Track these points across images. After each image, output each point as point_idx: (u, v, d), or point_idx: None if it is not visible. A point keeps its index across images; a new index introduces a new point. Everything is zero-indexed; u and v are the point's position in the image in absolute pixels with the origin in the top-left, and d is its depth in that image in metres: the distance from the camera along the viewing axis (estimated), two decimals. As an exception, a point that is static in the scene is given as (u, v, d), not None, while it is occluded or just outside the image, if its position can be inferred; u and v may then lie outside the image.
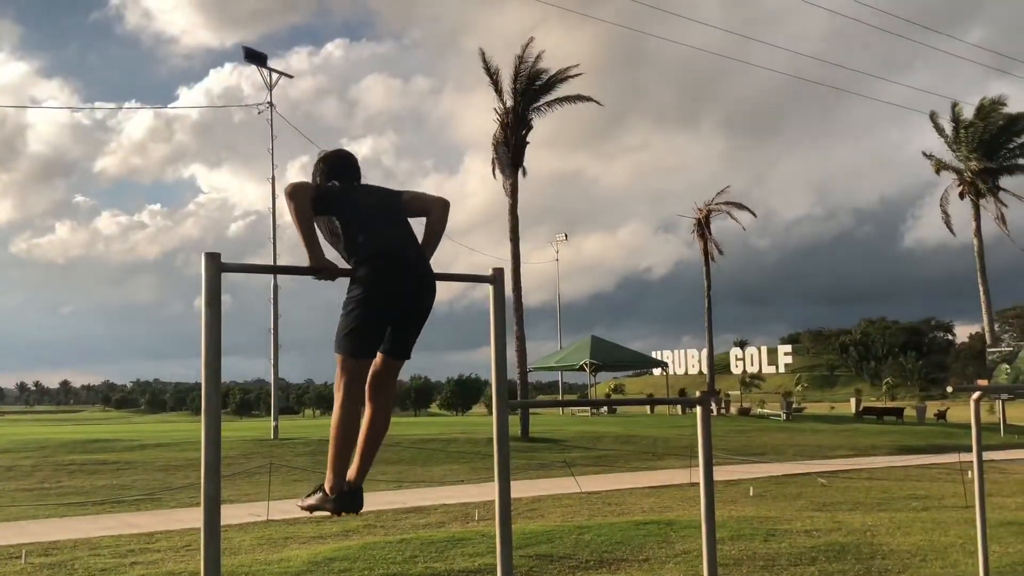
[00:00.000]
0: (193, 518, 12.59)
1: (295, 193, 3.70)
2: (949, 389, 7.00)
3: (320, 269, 3.61)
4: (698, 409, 3.90)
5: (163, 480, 17.43)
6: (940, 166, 41.96)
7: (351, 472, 3.99)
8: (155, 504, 14.59)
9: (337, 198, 3.95)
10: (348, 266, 3.75)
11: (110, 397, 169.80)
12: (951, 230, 42.06)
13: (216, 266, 2.88)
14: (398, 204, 4.07)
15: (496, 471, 3.53)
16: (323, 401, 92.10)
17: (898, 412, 40.30)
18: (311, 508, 4.01)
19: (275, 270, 3.87)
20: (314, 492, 4.04)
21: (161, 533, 11.10)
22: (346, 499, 3.95)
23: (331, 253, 3.79)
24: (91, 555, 9.41)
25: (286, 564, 8.29)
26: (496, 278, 3.60)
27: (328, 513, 3.97)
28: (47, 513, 13.53)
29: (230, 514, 12.09)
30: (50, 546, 10.06)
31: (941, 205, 41.79)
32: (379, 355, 3.98)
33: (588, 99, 30.00)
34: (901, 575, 7.66)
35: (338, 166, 4.20)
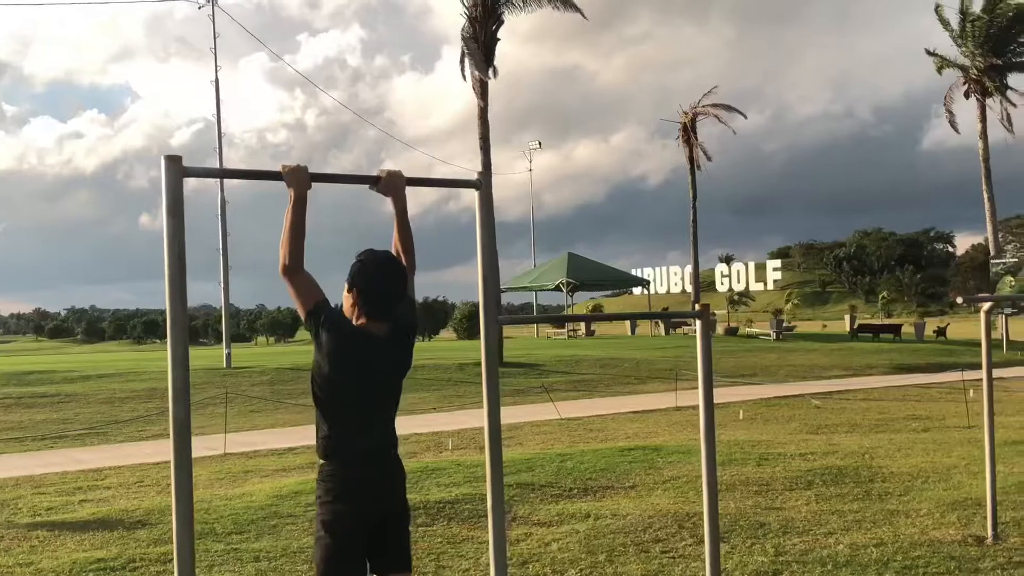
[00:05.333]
0: (143, 452, 12.67)
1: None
2: (959, 300, 7.07)
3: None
4: (697, 323, 3.94)
5: (108, 413, 17.46)
6: (943, 64, 41.90)
7: None
8: (101, 439, 14.64)
9: (342, 346, 3.70)
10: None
11: (43, 326, 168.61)
12: (956, 129, 42.32)
13: (178, 171, 2.84)
14: (408, 366, 3.94)
15: (485, 391, 3.56)
16: (277, 327, 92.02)
17: (895, 329, 40.91)
18: None
19: (240, 174, 3.78)
20: None
21: (110, 469, 11.17)
22: None
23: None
24: (35, 493, 9.46)
25: (248, 499, 8.38)
26: (481, 183, 3.58)
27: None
28: (-17, 450, 13.55)
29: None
30: (-10, 485, 10.10)
31: (945, 104, 41.87)
32: None
33: (569, 5, 29.10)
34: (903, 498, 7.88)
35: (370, 285, 3.77)
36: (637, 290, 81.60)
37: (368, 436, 3.82)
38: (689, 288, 61.36)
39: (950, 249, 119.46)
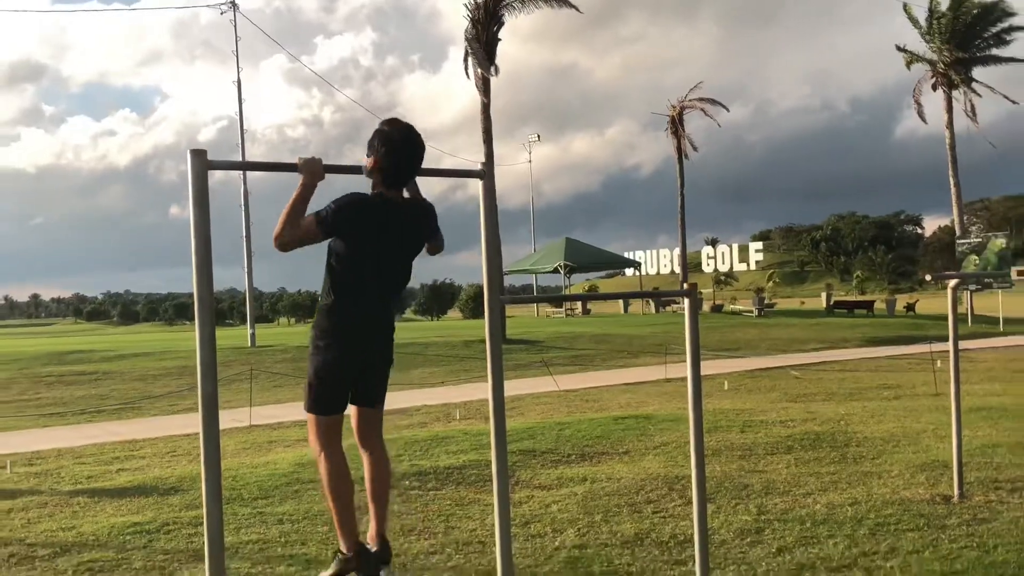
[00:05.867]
0: (175, 425, 12.69)
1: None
2: (928, 278, 7.07)
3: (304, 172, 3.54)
4: (685, 302, 3.94)
5: (142, 389, 17.50)
6: (912, 59, 41.76)
7: (371, 527, 3.89)
8: (136, 413, 14.68)
9: (358, 217, 3.68)
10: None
11: (81, 309, 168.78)
12: (924, 120, 42.28)
13: (202, 163, 2.84)
14: (420, 245, 3.96)
15: (489, 366, 3.56)
16: (298, 309, 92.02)
17: (868, 305, 40.89)
18: None
19: (260, 167, 3.82)
20: (331, 563, 3.88)
21: (144, 440, 11.18)
22: (367, 553, 3.80)
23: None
24: (76, 463, 9.48)
25: (272, 467, 8.39)
26: (486, 172, 3.57)
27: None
28: (28, 424, 13.58)
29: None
30: (34, 456, 10.11)
31: (914, 97, 41.80)
32: (355, 408, 3.91)
33: (563, 2, 28.95)
34: (875, 460, 7.89)
35: (402, 156, 3.73)
36: (629, 271, 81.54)
37: (371, 304, 3.76)
38: (677, 269, 61.30)
39: (919, 231, 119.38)
